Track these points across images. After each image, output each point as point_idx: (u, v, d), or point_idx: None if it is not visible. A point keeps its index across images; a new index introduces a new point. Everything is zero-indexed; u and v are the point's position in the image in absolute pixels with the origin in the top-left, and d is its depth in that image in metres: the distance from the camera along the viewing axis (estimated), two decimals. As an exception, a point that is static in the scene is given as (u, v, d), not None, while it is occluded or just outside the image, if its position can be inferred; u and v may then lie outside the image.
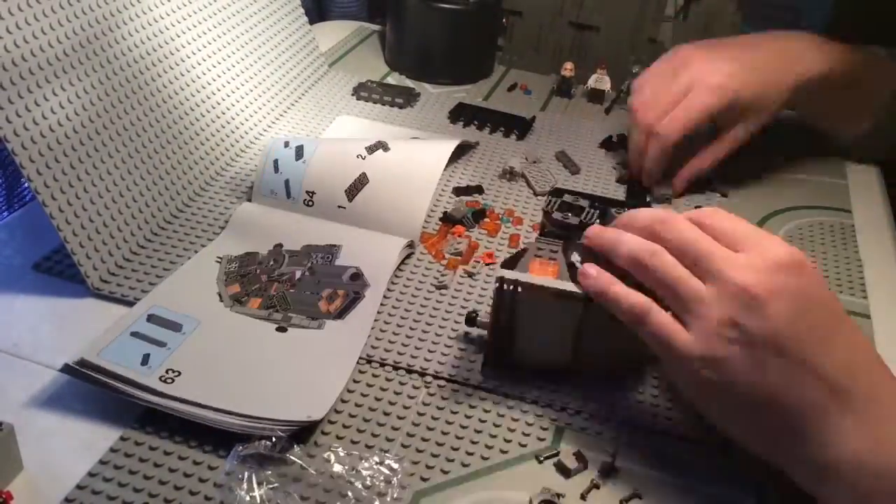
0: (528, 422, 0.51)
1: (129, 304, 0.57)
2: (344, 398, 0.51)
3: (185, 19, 0.73)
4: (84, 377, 0.48)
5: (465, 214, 0.70)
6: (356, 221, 0.65)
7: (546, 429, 0.50)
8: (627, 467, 0.48)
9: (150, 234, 0.64)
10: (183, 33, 0.73)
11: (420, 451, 0.48)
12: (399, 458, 0.47)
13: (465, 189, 0.75)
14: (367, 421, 0.49)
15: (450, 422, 0.50)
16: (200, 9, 0.76)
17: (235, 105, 0.78)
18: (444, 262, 0.64)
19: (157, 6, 0.70)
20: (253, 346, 0.53)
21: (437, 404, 0.51)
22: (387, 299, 0.59)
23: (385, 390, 0.52)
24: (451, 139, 0.75)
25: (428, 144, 0.73)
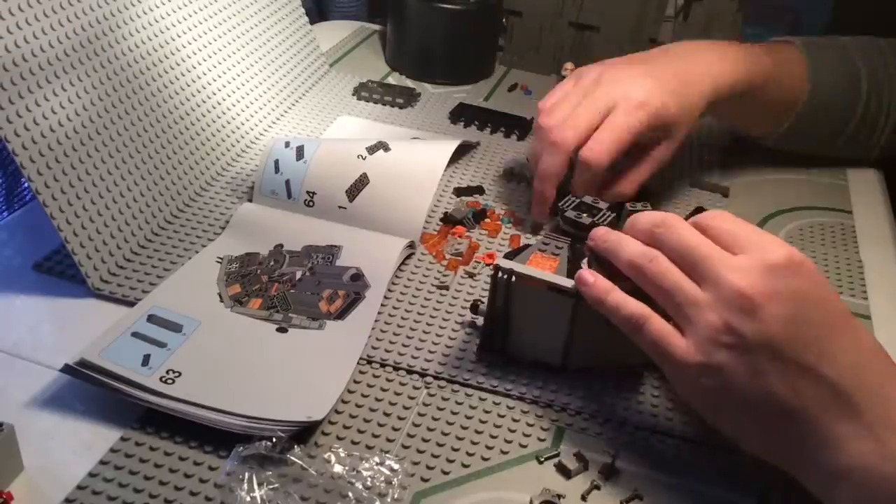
0: (528, 422, 0.51)
1: (130, 304, 0.57)
2: (344, 399, 0.51)
3: (185, 19, 0.73)
4: (84, 377, 0.48)
5: (466, 215, 0.70)
6: (357, 222, 0.65)
7: (546, 429, 0.50)
8: (628, 468, 0.48)
9: (150, 234, 0.64)
10: (184, 33, 0.73)
11: (420, 451, 0.48)
12: (399, 458, 0.47)
13: (466, 189, 0.75)
14: (367, 421, 0.49)
15: (450, 422, 0.50)
16: (201, 9, 0.76)
17: (236, 105, 0.78)
18: (445, 263, 0.64)
19: (157, 6, 0.70)
20: (253, 347, 0.53)
21: (437, 405, 0.51)
22: (387, 300, 0.59)
23: (385, 391, 0.52)
24: (451, 139, 0.75)
25: (428, 145, 0.73)
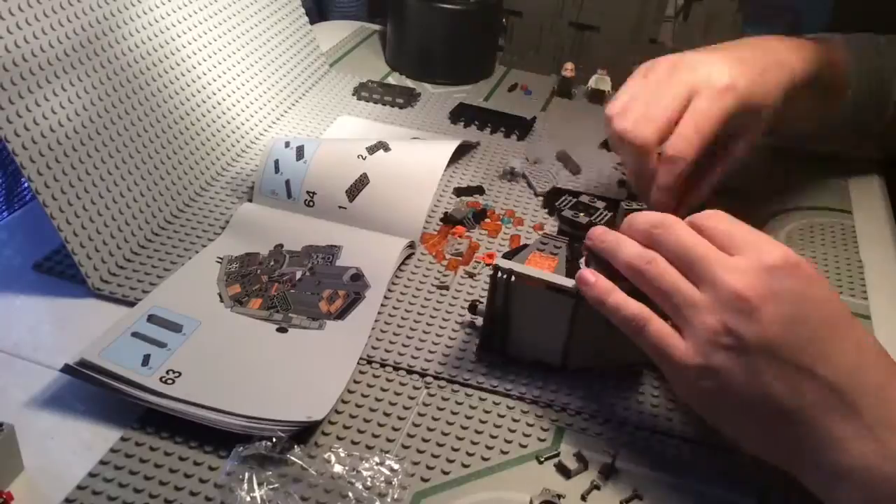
0: (528, 422, 0.51)
1: (130, 304, 0.57)
2: (344, 399, 0.51)
3: (185, 19, 0.73)
4: (84, 377, 0.48)
5: (466, 215, 0.70)
6: (357, 222, 0.65)
7: (546, 429, 0.50)
8: (628, 468, 0.48)
9: (150, 234, 0.64)
10: (184, 33, 0.73)
11: (420, 451, 0.48)
12: (399, 458, 0.47)
13: (466, 189, 0.75)
14: (367, 421, 0.49)
15: (450, 422, 0.50)
16: (201, 9, 0.76)
17: (236, 105, 0.78)
18: (445, 263, 0.64)
19: (157, 6, 0.70)
20: (253, 347, 0.53)
21: (437, 405, 0.51)
22: (387, 300, 0.59)
23: (385, 391, 0.52)
24: (451, 139, 0.75)
25: (428, 145, 0.73)
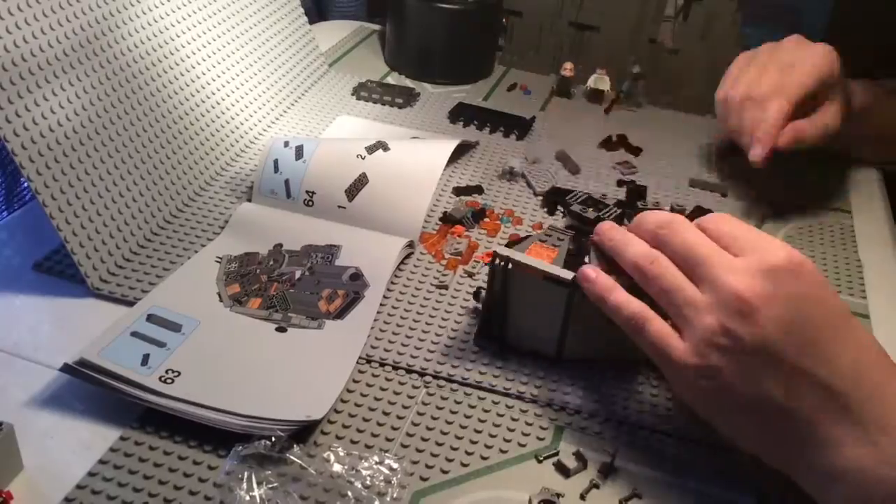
0: (527, 421, 0.51)
1: (129, 303, 0.57)
2: (343, 398, 0.51)
3: (185, 19, 0.73)
4: (84, 377, 0.48)
5: (465, 214, 0.70)
6: (356, 221, 0.65)
7: (545, 428, 0.50)
8: (627, 467, 0.48)
9: (149, 233, 0.64)
10: (183, 33, 0.73)
11: (420, 450, 0.48)
12: (399, 457, 0.47)
13: (465, 189, 0.75)
14: (366, 421, 0.49)
15: (449, 421, 0.50)
16: (200, 8, 0.76)
17: (235, 105, 0.78)
18: (444, 262, 0.64)
19: (156, 6, 0.70)
20: (253, 346, 0.54)
21: (436, 404, 0.51)
22: (386, 299, 0.60)
23: (385, 390, 0.52)
24: (450, 139, 0.75)
25: (428, 144, 0.73)
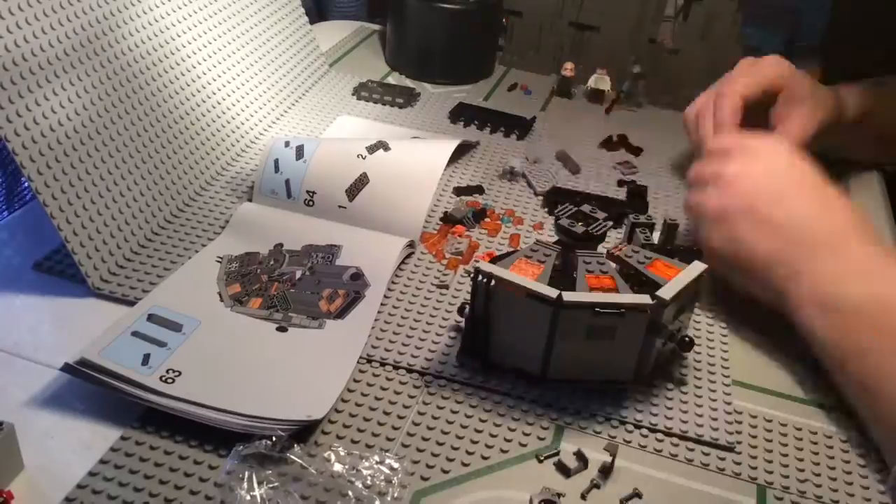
0: (528, 421, 0.51)
1: (130, 303, 0.57)
2: (344, 398, 0.51)
3: (185, 19, 0.73)
4: (84, 377, 0.48)
5: (466, 214, 0.70)
6: (357, 221, 0.65)
7: (546, 428, 0.50)
8: (627, 467, 0.48)
9: (150, 233, 0.64)
10: (183, 33, 0.73)
11: (420, 450, 0.48)
12: (399, 457, 0.47)
13: (466, 189, 0.75)
14: (367, 420, 0.49)
15: (450, 421, 0.50)
16: (201, 8, 0.76)
17: (236, 105, 0.78)
18: (445, 262, 0.64)
19: (157, 6, 0.70)
20: (253, 346, 0.54)
21: (437, 404, 0.51)
22: (387, 299, 0.60)
23: (385, 390, 0.52)
24: (451, 139, 0.75)
25: (428, 144, 0.73)
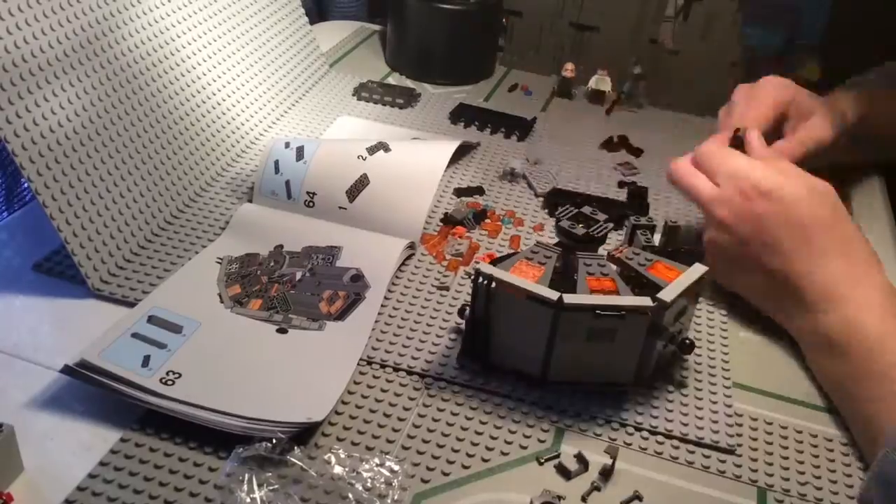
0: (528, 423, 0.51)
1: (130, 305, 0.57)
2: (344, 400, 0.51)
3: (185, 19, 0.73)
4: (84, 378, 0.48)
5: (466, 215, 0.69)
6: (357, 222, 0.65)
7: (547, 431, 0.50)
8: (628, 469, 0.48)
9: (150, 234, 0.64)
10: (184, 34, 0.73)
11: (421, 452, 0.48)
12: (399, 459, 0.47)
13: (466, 190, 0.75)
14: (367, 423, 0.49)
15: (450, 423, 0.50)
16: (201, 9, 0.76)
17: (236, 105, 0.78)
18: (445, 264, 0.64)
19: (157, 6, 0.70)
20: (253, 348, 0.53)
21: (437, 406, 0.51)
22: (387, 300, 0.59)
23: (386, 392, 0.52)
24: (451, 140, 0.75)
25: (429, 145, 0.73)
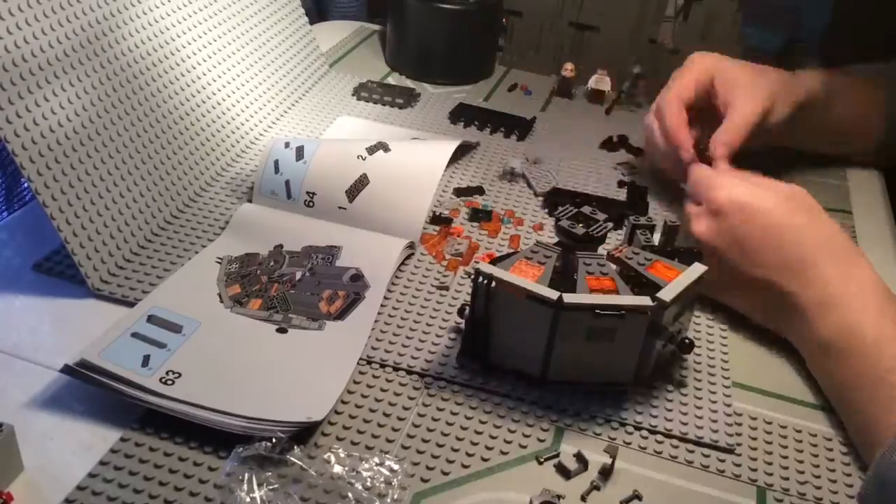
0: (528, 423, 0.51)
1: (130, 304, 0.57)
2: (344, 399, 0.51)
3: (185, 19, 0.73)
4: (84, 378, 0.48)
5: (454, 206, 0.69)
6: (357, 222, 0.65)
7: (546, 430, 0.50)
8: (627, 469, 0.48)
9: (150, 234, 0.64)
10: (184, 33, 0.73)
11: (420, 452, 0.48)
12: (399, 459, 0.47)
13: (466, 190, 0.75)
14: (367, 422, 0.49)
15: (450, 423, 0.50)
16: (201, 9, 0.76)
17: (236, 105, 0.78)
18: (445, 263, 0.64)
19: (157, 6, 0.70)
20: (253, 348, 0.53)
21: (437, 405, 0.51)
22: (387, 300, 0.59)
23: (385, 391, 0.52)
24: (451, 140, 0.75)
25: (428, 145, 0.73)
